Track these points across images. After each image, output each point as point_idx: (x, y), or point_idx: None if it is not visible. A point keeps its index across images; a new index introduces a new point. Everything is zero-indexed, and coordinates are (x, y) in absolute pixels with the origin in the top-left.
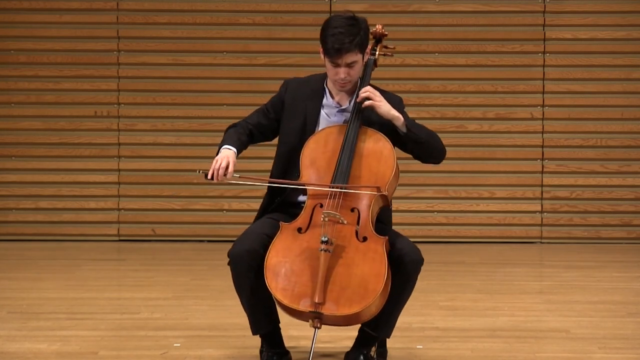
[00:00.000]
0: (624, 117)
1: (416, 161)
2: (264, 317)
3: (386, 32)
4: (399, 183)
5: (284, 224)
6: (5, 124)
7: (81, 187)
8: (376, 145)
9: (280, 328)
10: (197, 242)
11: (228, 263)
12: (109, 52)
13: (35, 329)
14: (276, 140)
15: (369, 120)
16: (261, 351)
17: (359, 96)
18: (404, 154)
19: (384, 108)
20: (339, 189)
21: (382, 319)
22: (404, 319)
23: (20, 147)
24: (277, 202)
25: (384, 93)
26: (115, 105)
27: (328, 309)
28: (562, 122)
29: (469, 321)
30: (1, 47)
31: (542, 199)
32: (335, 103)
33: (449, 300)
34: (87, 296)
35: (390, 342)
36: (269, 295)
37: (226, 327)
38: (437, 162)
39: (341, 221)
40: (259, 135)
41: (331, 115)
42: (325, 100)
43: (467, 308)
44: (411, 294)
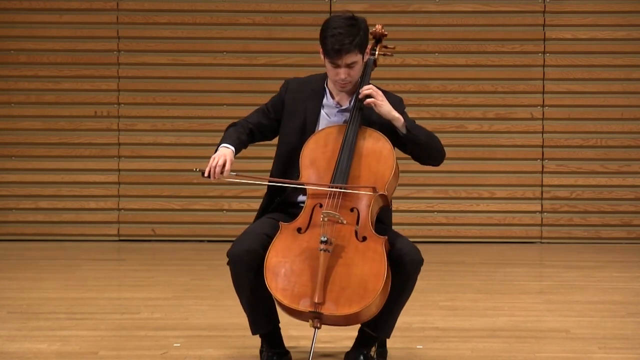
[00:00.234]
0: (624, 117)
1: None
2: (264, 317)
3: (386, 32)
4: (400, 183)
5: (284, 224)
6: (5, 124)
7: (81, 187)
8: (376, 145)
9: (280, 328)
10: (197, 242)
11: (227, 263)
12: (109, 52)
13: (35, 329)
14: (276, 140)
15: (369, 120)
16: (261, 351)
17: (361, 93)
18: (404, 155)
19: (385, 108)
20: (336, 189)
21: (382, 319)
22: (404, 319)
23: (20, 147)
24: (277, 202)
25: (385, 93)
26: (115, 105)
27: (328, 309)
28: (562, 122)
29: (469, 321)
30: (1, 47)
31: (542, 199)
32: (335, 103)
33: (449, 300)
34: (87, 296)
35: (390, 342)
36: (269, 295)
37: (226, 327)
38: (436, 164)
39: (340, 221)
40: (259, 134)
41: (331, 115)
42: (325, 100)
43: (467, 308)
44: (411, 295)
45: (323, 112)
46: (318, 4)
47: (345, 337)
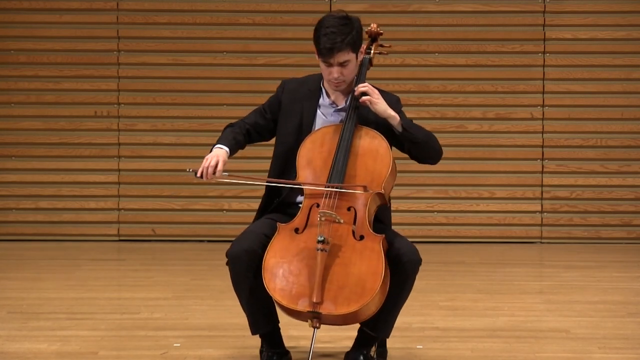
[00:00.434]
0: (624, 117)
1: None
2: (263, 317)
3: (381, 31)
4: (400, 183)
5: (281, 225)
6: (5, 124)
7: (81, 187)
8: (372, 143)
9: (279, 328)
10: (197, 242)
11: (227, 263)
12: (109, 52)
13: (35, 329)
14: (274, 140)
15: (365, 119)
16: (261, 351)
17: (357, 90)
18: (405, 155)
19: (381, 106)
20: (327, 188)
21: (381, 319)
22: (404, 319)
23: (20, 147)
24: (276, 203)
25: (382, 92)
26: (115, 105)
27: (326, 309)
28: (562, 122)
29: (469, 321)
30: (1, 47)
31: (542, 199)
32: (331, 103)
33: (449, 300)
34: (87, 296)
35: (390, 342)
36: (268, 295)
37: (226, 327)
38: (434, 163)
39: (337, 220)
40: (256, 135)
41: (328, 115)
42: (321, 100)
43: (467, 308)
44: (409, 294)
45: (319, 112)
46: (318, 4)
47: (345, 337)
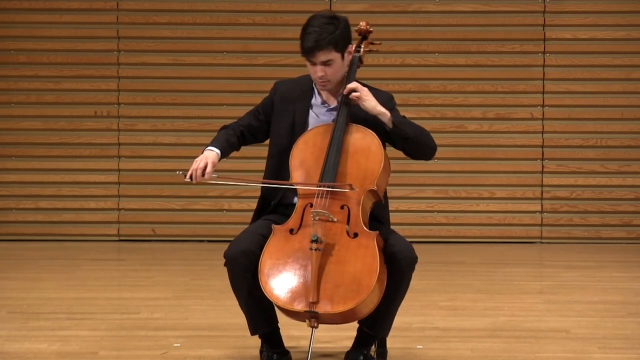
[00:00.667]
0: (624, 117)
1: (416, 161)
2: (262, 318)
3: (371, 29)
4: (400, 183)
5: (276, 227)
6: (5, 124)
7: (81, 187)
8: (363, 141)
9: (279, 328)
10: (197, 242)
11: (224, 264)
12: (109, 52)
13: (35, 329)
14: (269, 141)
15: (357, 117)
16: (261, 351)
17: (346, 88)
18: (401, 154)
19: (370, 103)
20: (317, 188)
21: (379, 318)
22: (404, 319)
23: (20, 147)
24: (273, 205)
25: (374, 90)
26: (115, 105)
27: (323, 308)
28: (562, 122)
29: (469, 321)
30: (1, 47)
31: (542, 199)
32: (323, 102)
33: (449, 300)
34: (87, 296)
35: (390, 342)
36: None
37: (226, 327)
38: (428, 159)
39: (331, 219)
40: (250, 136)
41: (320, 114)
42: (314, 100)
43: (467, 308)
44: (406, 292)
45: (312, 112)
46: (318, 4)
47: (344, 337)
